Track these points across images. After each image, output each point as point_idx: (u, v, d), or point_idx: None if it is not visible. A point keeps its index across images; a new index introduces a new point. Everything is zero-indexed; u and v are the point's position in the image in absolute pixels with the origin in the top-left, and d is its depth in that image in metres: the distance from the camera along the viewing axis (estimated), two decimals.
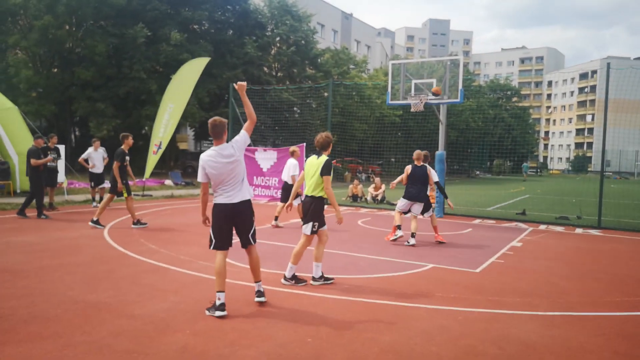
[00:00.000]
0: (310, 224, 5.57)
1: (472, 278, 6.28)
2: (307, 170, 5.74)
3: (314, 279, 5.68)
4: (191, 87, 16.80)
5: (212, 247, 4.68)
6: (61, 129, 27.75)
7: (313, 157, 5.74)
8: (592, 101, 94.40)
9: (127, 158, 9.71)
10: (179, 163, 33.43)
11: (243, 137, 4.69)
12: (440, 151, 12.90)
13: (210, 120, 4.63)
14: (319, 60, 33.71)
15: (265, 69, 31.43)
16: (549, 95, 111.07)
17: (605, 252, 8.59)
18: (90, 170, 12.68)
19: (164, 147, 16.43)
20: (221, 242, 4.65)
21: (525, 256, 7.90)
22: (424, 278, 6.19)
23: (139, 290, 5.18)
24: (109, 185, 9.97)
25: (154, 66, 26.09)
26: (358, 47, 63.06)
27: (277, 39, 31.59)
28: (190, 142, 45.65)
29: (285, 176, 10.43)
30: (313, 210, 5.59)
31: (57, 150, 12.04)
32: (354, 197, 17.20)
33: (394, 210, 12.44)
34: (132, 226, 9.48)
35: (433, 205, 9.48)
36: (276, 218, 10.45)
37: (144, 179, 16.56)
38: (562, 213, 13.82)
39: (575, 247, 8.95)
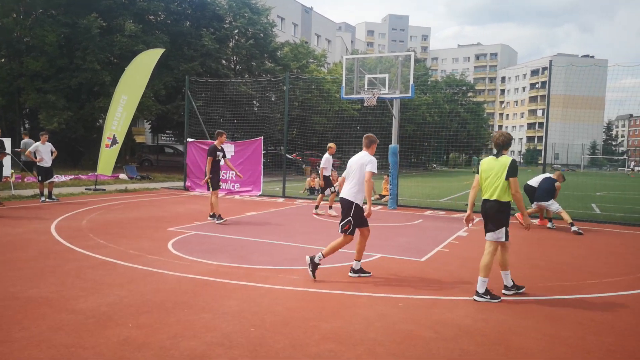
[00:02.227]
0: (504, 229, 5.16)
1: (417, 267, 6.52)
2: (484, 172, 5.29)
3: (506, 287, 5.33)
4: (145, 79, 16.47)
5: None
6: (10, 121, 26.59)
7: (491, 158, 5.31)
8: (543, 96, 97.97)
9: (219, 154, 10.01)
10: (136, 157, 32.68)
11: (370, 165, 5.77)
12: (394, 145, 13.19)
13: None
14: (278, 53, 33.55)
15: (224, 61, 31.03)
16: (502, 91, 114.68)
17: (546, 240, 9.06)
18: (38, 163, 12.28)
19: (120, 141, 16.03)
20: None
21: (470, 245, 8.24)
22: (371, 267, 6.37)
23: (83, 285, 5.13)
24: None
25: (108, 57, 25.34)
26: (318, 41, 63.10)
27: (236, 31, 31.19)
28: (147, 135, 44.65)
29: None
30: (503, 215, 5.18)
31: (1, 144, 11.61)
32: (311, 190, 17.35)
33: None
34: (208, 218, 10.01)
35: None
36: (330, 207, 11.73)
37: (96, 173, 16.15)
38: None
39: (518, 236, 9.38)
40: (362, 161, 5.80)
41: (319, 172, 11.88)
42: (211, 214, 9.99)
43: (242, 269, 6.05)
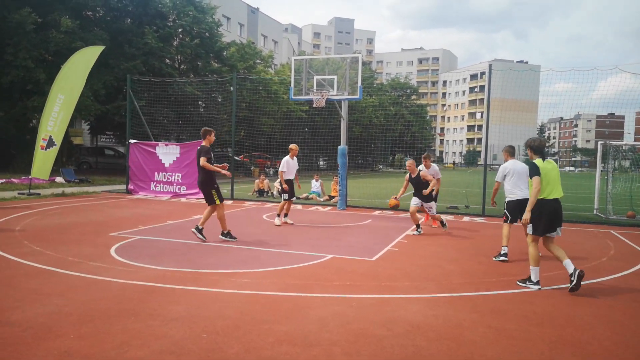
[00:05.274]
0: None
1: (368, 266, 6.59)
2: (546, 175, 5.64)
3: (529, 279, 5.77)
4: (84, 78, 15.72)
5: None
6: None
7: (546, 161, 5.72)
8: (482, 100, 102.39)
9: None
10: (73, 159, 31.13)
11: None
12: (342, 146, 13.30)
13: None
14: (225, 53, 33.01)
15: (168, 60, 30.15)
16: (443, 94, 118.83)
17: (488, 237, 9.42)
18: None
19: (58, 142, 15.17)
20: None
21: (418, 244, 8.43)
22: (323, 268, 6.38)
23: (18, 295, 4.80)
24: None
25: (42, 54, 23.97)
26: (265, 42, 62.74)
27: (180, 30, 30.40)
28: (85, 136, 42.67)
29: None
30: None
31: None
32: (260, 192, 17.21)
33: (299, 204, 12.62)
34: (220, 237, 8.22)
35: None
36: (286, 215, 10.51)
37: (30, 177, 15.23)
38: (452, 203, 14.90)
39: (462, 234, 9.71)
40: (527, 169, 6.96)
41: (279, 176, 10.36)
42: (224, 232, 8.29)
43: (191, 274, 5.88)
